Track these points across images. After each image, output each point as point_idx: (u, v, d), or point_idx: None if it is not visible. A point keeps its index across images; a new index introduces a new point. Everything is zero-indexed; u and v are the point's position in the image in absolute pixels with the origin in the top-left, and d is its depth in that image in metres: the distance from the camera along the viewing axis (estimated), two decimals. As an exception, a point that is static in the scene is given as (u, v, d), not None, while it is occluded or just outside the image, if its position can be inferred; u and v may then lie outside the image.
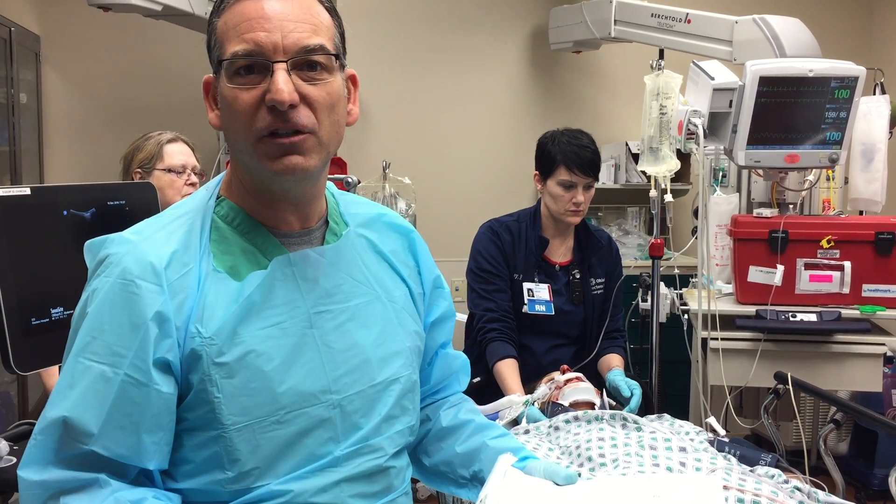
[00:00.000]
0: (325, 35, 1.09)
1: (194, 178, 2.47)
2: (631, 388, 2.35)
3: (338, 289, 1.16)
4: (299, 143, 1.06)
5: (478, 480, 1.27)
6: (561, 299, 2.61)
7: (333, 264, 1.17)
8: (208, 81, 1.14)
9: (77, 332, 1.05)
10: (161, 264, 1.05)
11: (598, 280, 2.67)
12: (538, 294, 2.58)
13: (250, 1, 1.06)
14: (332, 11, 1.14)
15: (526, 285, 2.58)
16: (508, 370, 2.43)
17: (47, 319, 1.67)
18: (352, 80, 1.18)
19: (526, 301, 2.56)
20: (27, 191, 1.69)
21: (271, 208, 1.14)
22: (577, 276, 2.63)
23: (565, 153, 2.49)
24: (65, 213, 1.76)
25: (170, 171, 2.42)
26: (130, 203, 1.94)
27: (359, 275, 1.20)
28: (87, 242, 1.12)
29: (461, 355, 1.45)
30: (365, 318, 1.18)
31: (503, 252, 2.58)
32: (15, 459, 1.64)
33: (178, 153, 2.46)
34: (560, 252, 2.65)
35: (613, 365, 2.55)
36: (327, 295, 1.15)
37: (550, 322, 2.58)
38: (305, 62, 1.06)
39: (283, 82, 1.03)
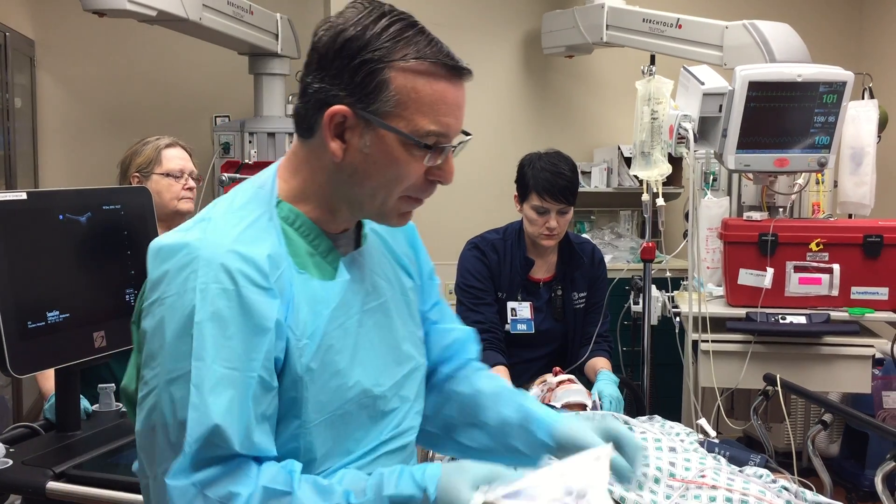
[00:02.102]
0: None
1: (192, 183, 2.48)
2: (611, 401, 2.36)
3: (374, 287, 1.23)
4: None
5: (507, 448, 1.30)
6: (541, 316, 2.62)
7: (369, 264, 1.24)
8: (340, 112, 1.10)
9: (202, 337, 1.03)
10: (265, 266, 1.07)
11: (581, 294, 2.67)
12: (520, 313, 2.59)
13: (450, 87, 1.12)
14: None
15: (510, 304, 2.59)
16: (500, 376, 2.44)
17: (43, 323, 1.68)
18: None
19: (509, 320, 2.58)
20: (23, 195, 1.70)
21: (335, 220, 1.19)
22: (559, 293, 2.64)
23: (538, 179, 2.49)
24: (61, 217, 1.76)
25: (168, 175, 2.43)
26: (126, 208, 1.95)
27: (381, 272, 1.27)
28: (158, 245, 1.10)
29: (465, 329, 1.45)
30: (392, 313, 1.25)
31: (490, 270, 2.60)
32: (11, 462, 1.64)
33: (176, 158, 2.47)
34: (543, 269, 2.65)
35: (600, 367, 2.57)
36: (367, 294, 1.22)
37: (531, 338, 2.59)
38: None
39: (452, 165, 1.16)
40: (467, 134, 1.18)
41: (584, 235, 3.63)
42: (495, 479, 1.02)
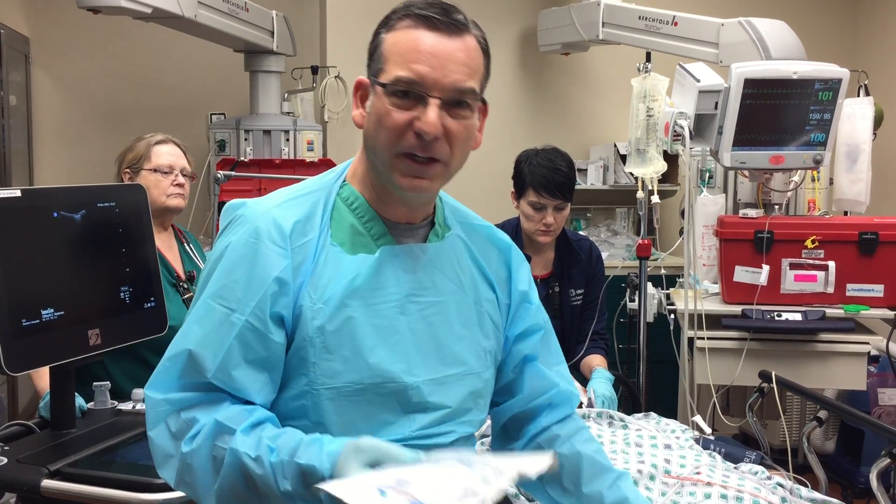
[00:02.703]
0: (476, 78, 1.21)
1: (181, 179, 2.47)
2: (604, 401, 2.35)
3: (431, 283, 1.26)
4: (430, 169, 1.18)
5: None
6: None
7: (432, 261, 1.27)
8: (361, 83, 1.24)
9: (210, 276, 1.18)
10: (287, 230, 1.18)
11: (578, 291, 2.67)
12: None
13: (423, 34, 1.16)
14: (486, 52, 1.25)
15: None
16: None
17: (38, 321, 1.68)
18: (482, 111, 1.29)
19: None
20: (18, 193, 1.69)
21: (386, 203, 1.25)
22: (557, 289, 2.65)
23: (535, 175, 2.49)
24: (55, 214, 1.76)
25: (156, 170, 2.42)
26: (120, 205, 1.95)
27: (452, 274, 1.30)
28: (228, 203, 1.25)
29: (568, 386, 1.44)
30: (448, 314, 1.27)
31: None
32: (6, 460, 1.64)
33: (166, 154, 2.46)
34: (540, 265, 2.66)
35: (595, 364, 2.57)
36: (421, 287, 1.25)
37: None
38: (455, 101, 1.17)
39: (435, 117, 1.15)
40: (474, 94, 1.19)
41: (581, 233, 3.63)
42: (387, 461, 1.03)
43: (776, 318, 2.75)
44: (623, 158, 4.23)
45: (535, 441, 1.39)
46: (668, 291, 2.98)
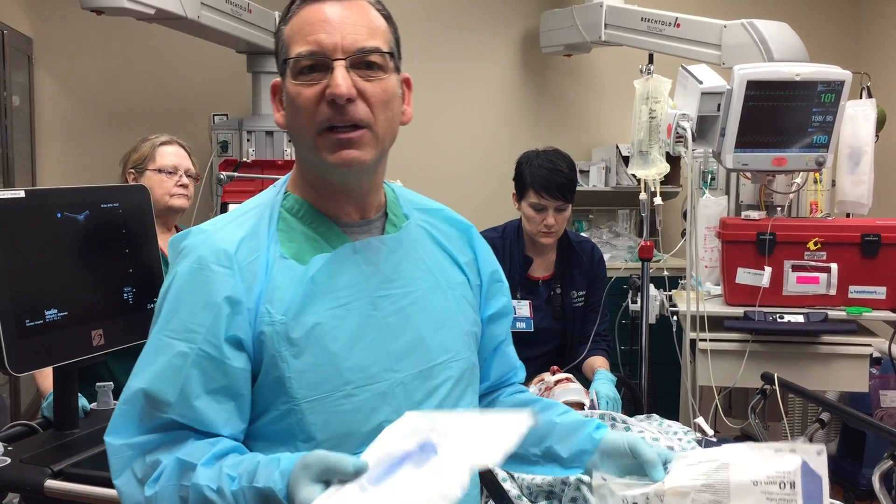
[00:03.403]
0: (380, 38, 1.17)
1: (185, 180, 2.48)
2: (607, 402, 2.35)
3: (399, 275, 1.23)
4: (356, 138, 1.14)
5: (550, 456, 1.31)
6: (540, 315, 2.62)
7: (395, 252, 1.24)
8: (276, 85, 1.22)
9: (160, 312, 1.14)
10: (231, 250, 1.13)
11: (580, 293, 2.67)
12: (519, 311, 2.58)
13: (314, 8, 1.15)
14: (388, 19, 1.22)
15: None
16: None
17: (41, 321, 1.68)
18: (406, 83, 1.27)
19: None
20: (21, 193, 1.69)
21: (332, 200, 1.22)
22: (559, 291, 2.64)
23: (536, 176, 2.49)
24: (58, 215, 1.76)
25: (160, 171, 2.43)
26: (124, 206, 1.95)
27: (419, 262, 1.27)
28: (173, 237, 1.22)
29: (518, 361, 1.47)
30: (424, 303, 1.24)
31: None
32: (9, 460, 1.64)
33: (170, 154, 2.47)
34: (542, 267, 2.65)
35: (597, 366, 2.57)
36: (388, 280, 1.22)
37: (529, 337, 2.59)
38: (363, 61, 1.14)
39: (342, 77, 1.11)
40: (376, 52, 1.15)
41: (583, 234, 3.63)
42: (332, 474, 0.98)
43: (778, 320, 2.75)
44: (625, 160, 4.23)
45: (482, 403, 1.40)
46: (670, 293, 2.98)
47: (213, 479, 1.04)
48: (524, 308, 2.59)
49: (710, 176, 3.50)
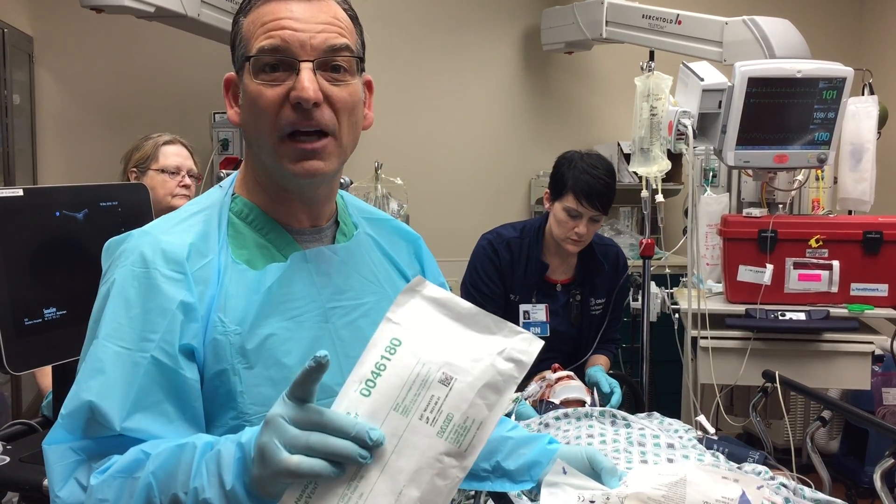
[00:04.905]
0: (349, 38, 1.12)
1: (188, 181, 2.48)
2: (611, 386, 2.35)
3: (349, 286, 1.19)
4: (320, 148, 1.09)
5: (500, 472, 1.28)
6: (557, 319, 2.56)
7: (345, 262, 1.20)
8: (230, 79, 1.16)
9: (101, 319, 1.04)
10: (182, 254, 1.06)
11: (598, 301, 2.60)
12: (534, 316, 2.52)
13: (279, 1, 1.09)
14: (355, 19, 1.17)
15: (522, 307, 2.52)
16: None
17: (40, 320, 1.68)
18: (368, 85, 1.22)
19: (521, 323, 2.47)
20: (20, 192, 1.69)
21: (284, 205, 1.17)
22: (578, 298, 2.57)
23: (577, 181, 2.38)
24: (57, 213, 1.76)
25: (163, 171, 2.43)
26: (123, 204, 1.94)
27: (368, 273, 1.23)
28: (109, 242, 1.13)
29: None
30: (375, 315, 1.20)
31: (500, 272, 2.51)
32: (8, 459, 1.64)
33: (173, 155, 2.47)
34: (561, 270, 2.58)
35: (597, 363, 2.55)
36: (340, 291, 1.18)
37: (543, 341, 2.55)
38: (330, 63, 1.09)
39: (309, 80, 1.05)
40: (349, 51, 1.10)
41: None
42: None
43: (780, 318, 2.74)
44: (627, 157, 4.21)
45: None
46: (671, 291, 2.98)
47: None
48: (540, 312, 2.53)
49: (711, 173, 3.49)
